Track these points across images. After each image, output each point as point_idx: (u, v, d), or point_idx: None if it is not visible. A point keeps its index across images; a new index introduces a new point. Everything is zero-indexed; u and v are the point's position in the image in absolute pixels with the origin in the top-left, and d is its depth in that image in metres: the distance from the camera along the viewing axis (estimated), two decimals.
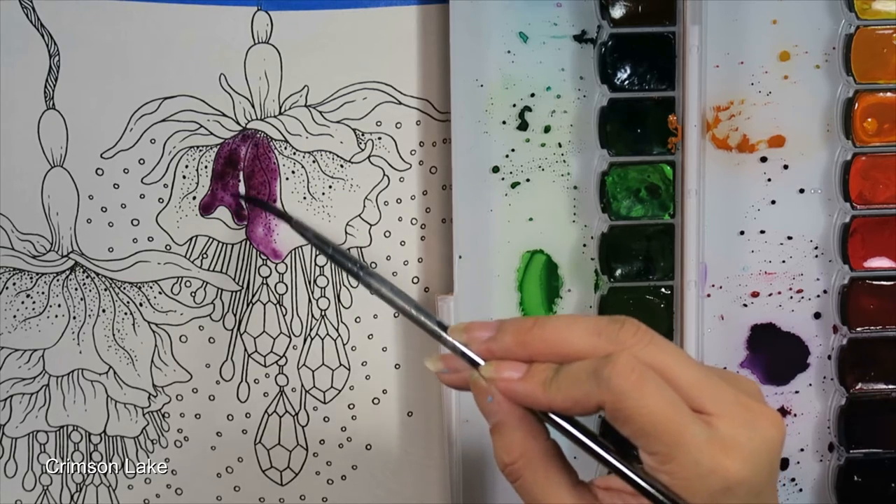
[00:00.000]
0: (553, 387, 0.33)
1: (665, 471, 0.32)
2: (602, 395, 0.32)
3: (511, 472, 0.35)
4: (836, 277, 0.54)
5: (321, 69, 0.52)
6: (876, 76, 0.52)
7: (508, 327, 0.35)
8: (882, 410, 0.54)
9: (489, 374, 0.35)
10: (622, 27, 0.51)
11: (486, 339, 0.35)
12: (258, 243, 0.54)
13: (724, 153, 0.53)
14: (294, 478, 0.56)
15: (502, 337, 0.35)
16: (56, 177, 0.52)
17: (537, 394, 0.34)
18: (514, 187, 0.52)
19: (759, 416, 0.33)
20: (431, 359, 0.37)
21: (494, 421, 0.35)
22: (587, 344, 0.34)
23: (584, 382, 0.33)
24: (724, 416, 0.32)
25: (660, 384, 0.32)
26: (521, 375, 0.34)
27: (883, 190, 0.53)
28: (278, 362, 0.55)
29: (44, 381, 0.55)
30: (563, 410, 0.34)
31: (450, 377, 0.36)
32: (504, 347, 0.35)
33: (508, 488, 0.54)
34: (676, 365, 0.33)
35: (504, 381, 0.34)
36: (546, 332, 0.34)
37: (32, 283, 0.53)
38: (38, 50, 0.51)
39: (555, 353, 0.34)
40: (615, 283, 0.53)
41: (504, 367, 0.35)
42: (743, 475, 0.32)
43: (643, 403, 0.32)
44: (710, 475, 0.32)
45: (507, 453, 0.35)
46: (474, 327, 0.36)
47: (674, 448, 0.32)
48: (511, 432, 0.35)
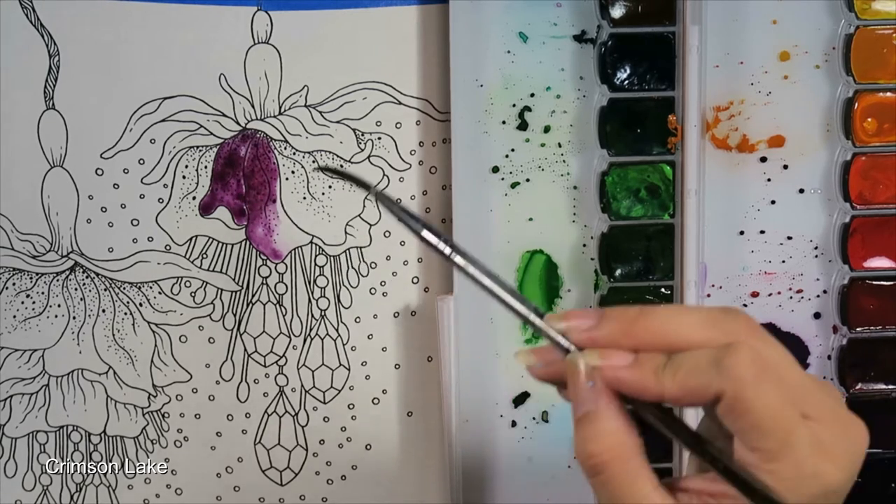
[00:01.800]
0: (667, 374, 0.32)
1: (768, 469, 0.31)
2: (723, 383, 0.31)
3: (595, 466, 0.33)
4: (835, 277, 0.54)
5: (321, 69, 0.52)
6: (876, 76, 0.52)
7: (613, 315, 0.34)
8: (882, 410, 0.54)
9: (594, 361, 0.33)
10: (622, 27, 0.51)
11: (588, 327, 0.34)
12: (258, 243, 0.54)
13: (723, 153, 0.53)
14: (294, 478, 0.56)
15: (606, 325, 0.33)
16: (56, 177, 0.52)
17: (648, 381, 0.32)
18: (514, 187, 0.52)
19: (853, 424, 0.33)
20: (522, 352, 0.35)
21: (586, 410, 0.33)
22: (700, 335, 0.32)
23: (702, 371, 0.32)
24: (825, 421, 0.32)
25: (778, 380, 0.31)
26: (630, 363, 0.33)
27: (883, 190, 0.53)
28: (278, 362, 0.55)
29: (44, 381, 0.55)
30: (674, 400, 0.32)
31: (542, 371, 0.35)
32: (608, 335, 0.33)
33: (508, 488, 0.55)
34: (786, 364, 0.32)
35: (611, 368, 0.33)
36: (655, 322, 0.33)
37: (32, 283, 0.53)
38: (38, 50, 0.51)
39: (663, 344, 0.33)
40: (615, 283, 0.53)
41: (610, 354, 0.33)
42: (840, 482, 0.32)
43: (763, 396, 0.31)
44: (811, 478, 0.31)
45: (595, 444, 0.33)
46: (573, 315, 0.34)
47: (783, 446, 0.31)
48: (605, 421, 0.33)
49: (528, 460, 0.54)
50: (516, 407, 0.54)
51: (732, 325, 0.33)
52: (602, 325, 0.33)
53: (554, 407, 0.54)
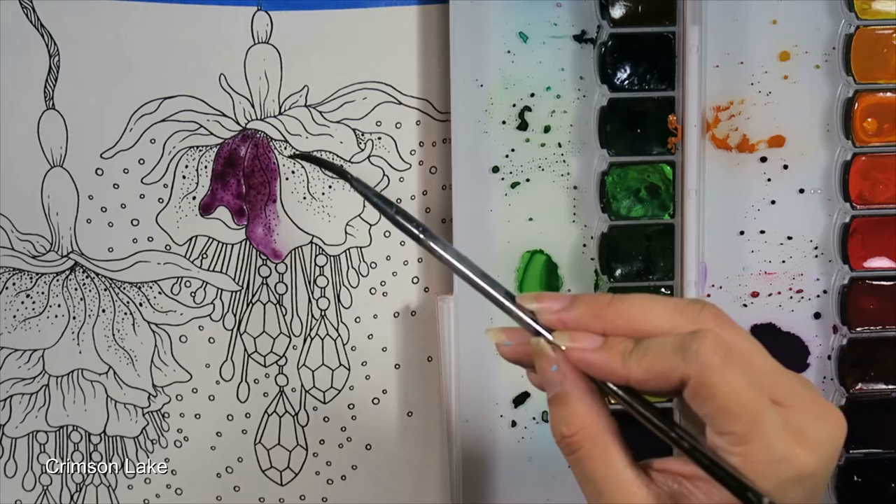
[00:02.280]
0: (633, 358, 0.33)
1: (738, 452, 0.32)
2: (688, 368, 0.32)
3: (569, 444, 0.34)
4: (835, 277, 0.54)
5: (321, 69, 0.52)
6: (876, 76, 0.52)
7: (583, 300, 0.34)
8: (882, 410, 0.54)
9: (562, 343, 0.34)
10: (622, 27, 0.51)
11: (559, 309, 0.34)
12: (258, 243, 0.54)
13: (724, 153, 0.53)
14: (294, 478, 0.56)
15: (577, 308, 0.34)
16: (56, 177, 0.52)
17: (615, 364, 0.33)
18: (514, 187, 0.52)
19: (828, 411, 0.33)
20: (493, 330, 0.36)
21: (557, 391, 0.34)
22: (668, 322, 0.33)
23: (668, 355, 0.32)
24: (797, 407, 0.32)
25: (744, 365, 0.32)
26: (598, 345, 0.34)
27: (883, 190, 0.53)
28: (278, 362, 0.55)
29: (44, 381, 0.55)
30: (640, 384, 0.33)
31: (511, 349, 0.35)
32: (578, 318, 0.34)
33: (508, 488, 0.55)
34: (755, 352, 0.33)
35: (579, 351, 0.34)
36: (624, 308, 0.34)
37: (32, 283, 0.53)
38: (38, 50, 0.51)
39: (632, 329, 0.34)
40: (615, 283, 0.53)
41: (579, 337, 0.34)
42: (812, 467, 0.32)
43: (727, 381, 0.31)
44: (782, 462, 0.31)
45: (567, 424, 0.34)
46: (545, 297, 0.35)
47: (751, 430, 0.31)
48: (575, 403, 0.34)
49: (528, 460, 0.54)
50: (516, 407, 0.54)
51: (700, 313, 0.33)
52: (573, 307, 0.34)
53: None
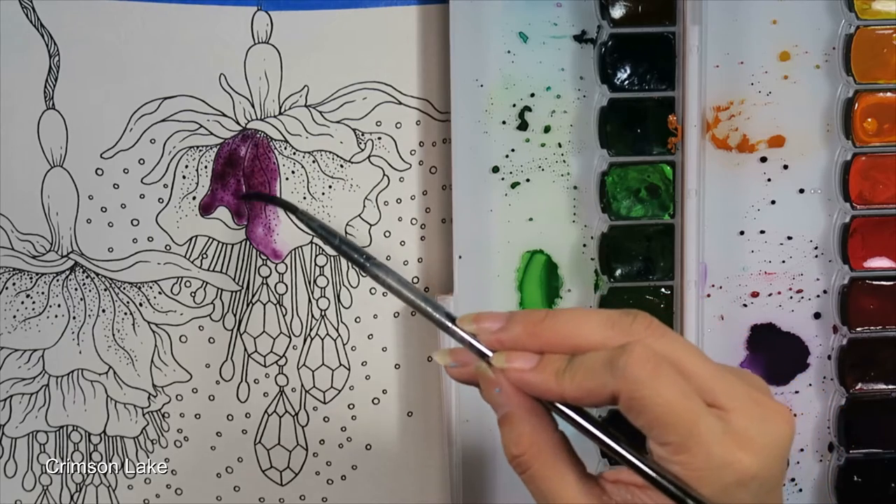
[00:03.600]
0: (566, 377, 0.33)
1: (677, 461, 0.32)
2: (617, 384, 0.32)
3: (519, 464, 0.35)
4: (835, 277, 0.54)
5: (321, 69, 0.52)
6: (876, 76, 0.52)
7: (518, 318, 0.35)
8: (882, 410, 0.54)
9: (500, 364, 0.34)
10: (622, 27, 0.51)
11: (496, 329, 0.35)
12: (258, 243, 0.54)
13: (724, 153, 0.53)
14: (294, 478, 0.56)
15: (512, 327, 0.35)
16: (56, 177, 0.52)
17: (550, 384, 0.34)
18: (514, 187, 0.52)
19: (771, 411, 0.33)
20: (440, 352, 0.37)
21: (503, 412, 0.35)
22: (600, 335, 0.34)
23: (598, 372, 0.33)
24: (737, 410, 0.32)
25: (675, 375, 0.32)
26: (533, 365, 0.34)
27: (883, 190, 0.53)
28: (278, 362, 0.55)
29: (44, 381, 0.55)
30: (575, 401, 0.34)
31: (458, 371, 0.36)
32: (514, 338, 0.35)
33: (508, 488, 0.55)
34: (689, 358, 0.33)
35: (515, 371, 0.34)
36: (558, 324, 0.34)
37: (32, 283, 0.53)
38: (38, 50, 0.51)
39: (566, 345, 0.34)
40: (615, 283, 0.53)
41: (515, 357, 0.34)
42: (755, 470, 0.32)
43: (658, 392, 0.31)
44: (723, 467, 0.32)
45: (515, 445, 0.34)
46: (483, 318, 0.35)
47: (688, 438, 0.31)
48: (520, 424, 0.34)
49: None
50: None
51: (631, 325, 0.34)
52: (509, 327, 0.35)
53: None
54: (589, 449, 0.54)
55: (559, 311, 0.35)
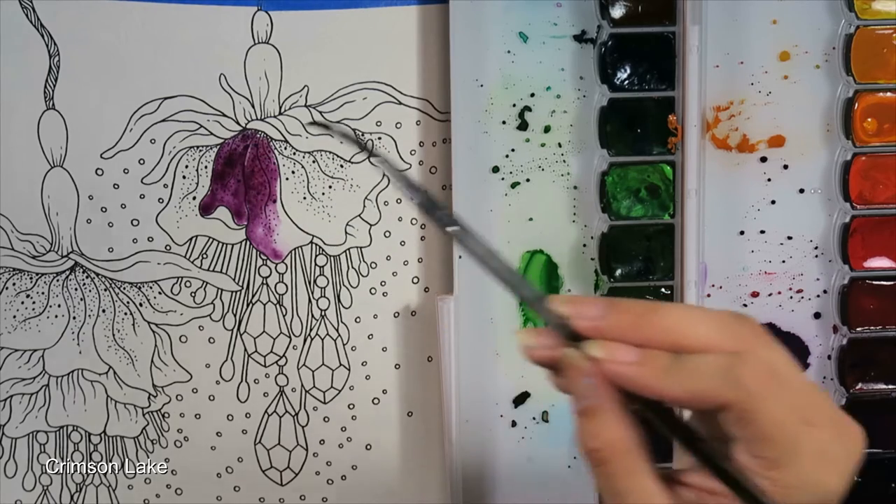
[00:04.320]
0: (673, 377, 0.31)
1: (768, 476, 0.31)
2: (730, 393, 0.31)
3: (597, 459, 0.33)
4: (836, 277, 0.54)
5: (321, 69, 0.52)
6: (876, 76, 0.52)
7: (621, 307, 0.33)
8: (882, 410, 0.54)
9: (598, 353, 0.32)
10: (622, 27, 0.51)
11: (595, 316, 0.32)
12: (258, 243, 0.54)
13: (724, 153, 0.53)
14: (294, 478, 0.56)
15: (614, 316, 0.32)
16: (56, 177, 0.52)
17: (651, 380, 0.32)
18: (514, 187, 0.52)
19: (851, 429, 0.33)
20: (524, 332, 0.34)
21: (586, 404, 0.32)
22: (709, 338, 0.32)
23: (710, 377, 0.31)
24: (825, 428, 0.32)
25: (784, 389, 0.31)
26: (637, 359, 0.32)
27: (883, 190, 0.53)
28: (278, 362, 0.55)
29: (44, 382, 0.55)
30: (675, 401, 0.32)
31: (539, 353, 0.33)
32: (615, 328, 0.32)
33: (508, 488, 0.55)
34: (791, 371, 0.32)
35: (616, 364, 0.32)
36: (665, 319, 0.32)
37: (32, 283, 0.53)
38: (38, 50, 0.51)
39: (671, 343, 0.32)
40: (615, 282, 0.53)
41: (616, 349, 0.32)
42: (839, 489, 0.32)
43: (769, 407, 0.31)
44: (811, 486, 0.31)
45: (594, 438, 0.32)
46: (580, 301, 0.33)
47: (786, 455, 0.31)
48: (605, 417, 0.32)
49: (528, 460, 0.54)
50: (516, 407, 0.54)
51: (740, 330, 0.32)
52: (609, 315, 0.32)
53: (554, 407, 0.54)
54: None
55: (665, 305, 0.33)
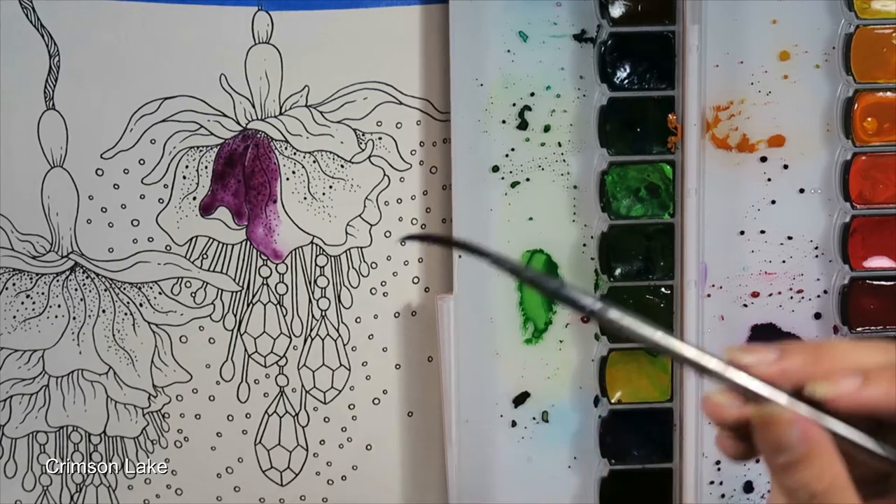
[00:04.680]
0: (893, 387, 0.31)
1: None
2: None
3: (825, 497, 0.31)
4: (836, 277, 0.54)
5: (321, 69, 0.52)
6: (876, 76, 0.52)
7: (792, 348, 0.32)
8: None
9: (826, 392, 0.31)
10: (622, 26, 0.51)
11: (774, 360, 0.32)
12: (258, 243, 0.54)
13: (723, 153, 0.53)
14: (294, 478, 0.56)
15: (794, 356, 0.32)
16: (56, 177, 0.52)
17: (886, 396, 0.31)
18: (514, 187, 0.52)
19: None
20: (714, 394, 0.32)
21: (802, 451, 0.31)
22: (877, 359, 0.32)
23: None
24: None
25: None
26: (860, 383, 0.31)
27: (883, 190, 0.53)
28: (278, 363, 0.55)
29: (44, 382, 0.55)
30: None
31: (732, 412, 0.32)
32: (799, 367, 0.32)
33: (508, 488, 0.55)
34: None
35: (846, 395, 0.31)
36: (837, 352, 0.32)
37: (32, 283, 0.53)
38: (38, 50, 0.51)
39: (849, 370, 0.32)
40: (615, 282, 0.53)
41: (840, 381, 0.31)
42: None
43: None
44: None
45: (820, 480, 0.31)
46: (752, 350, 0.32)
47: None
48: (824, 456, 0.31)
49: (528, 460, 0.54)
50: (516, 407, 0.54)
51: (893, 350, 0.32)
52: (787, 358, 0.32)
53: (554, 407, 0.54)
54: (587, 450, 0.54)
55: (825, 339, 0.34)
